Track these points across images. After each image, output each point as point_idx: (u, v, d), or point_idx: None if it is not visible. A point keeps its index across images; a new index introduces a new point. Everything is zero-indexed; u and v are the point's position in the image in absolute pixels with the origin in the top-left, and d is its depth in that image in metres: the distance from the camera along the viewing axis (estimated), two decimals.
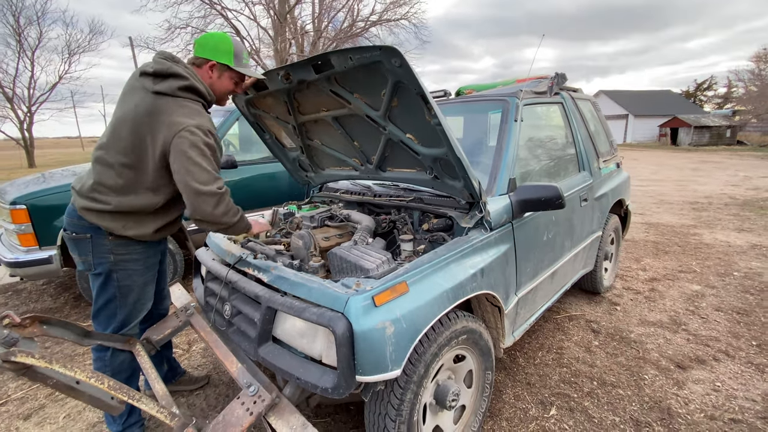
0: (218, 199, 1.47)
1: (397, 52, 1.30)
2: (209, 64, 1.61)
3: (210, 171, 1.45)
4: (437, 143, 1.63)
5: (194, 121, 1.45)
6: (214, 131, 1.52)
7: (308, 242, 1.86)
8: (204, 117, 1.51)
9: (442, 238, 1.85)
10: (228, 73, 1.66)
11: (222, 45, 1.61)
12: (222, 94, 1.70)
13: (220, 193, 1.47)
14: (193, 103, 1.53)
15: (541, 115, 2.57)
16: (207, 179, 1.44)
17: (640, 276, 3.78)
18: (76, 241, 1.55)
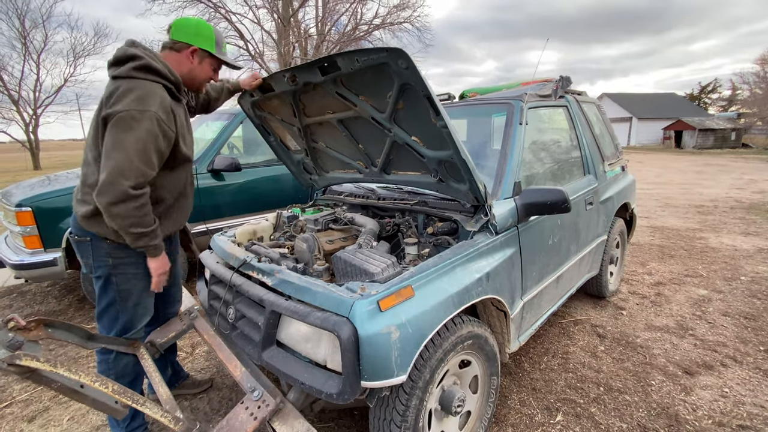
0: (125, 200, 1.33)
1: (403, 54, 1.30)
2: (190, 50, 1.56)
3: (136, 164, 1.32)
4: (442, 146, 1.62)
5: (140, 102, 1.34)
6: (164, 117, 1.39)
7: (312, 245, 1.85)
8: (154, 98, 1.38)
9: (446, 242, 1.84)
10: (209, 60, 1.63)
11: (203, 30, 1.57)
12: (201, 81, 1.66)
13: (132, 195, 1.33)
14: (150, 84, 1.41)
15: (546, 119, 2.56)
16: (127, 172, 1.31)
17: (645, 280, 3.75)
18: (78, 244, 1.55)
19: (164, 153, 1.45)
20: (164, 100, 1.42)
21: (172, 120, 1.44)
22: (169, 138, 1.44)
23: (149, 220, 1.44)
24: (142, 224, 1.41)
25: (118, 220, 1.36)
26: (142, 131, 1.33)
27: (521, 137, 2.09)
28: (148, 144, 1.35)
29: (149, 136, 1.35)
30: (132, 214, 1.36)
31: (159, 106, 1.38)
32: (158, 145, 1.39)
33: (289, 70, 1.70)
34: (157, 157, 1.41)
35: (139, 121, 1.33)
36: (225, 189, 3.70)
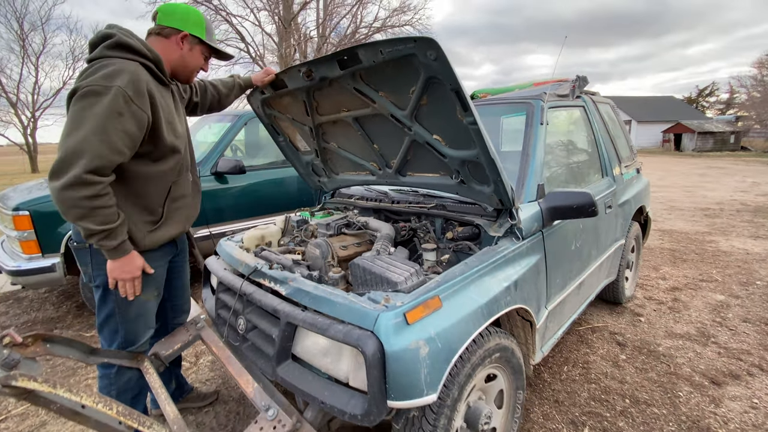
0: (74, 185, 1.15)
1: (434, 44, 1.20)
2: (180, 35, 1.45)
3: (95, 145, 1.16)
4: (467, 145, 1.53)
5: (107, 77, 1.20)
6: (132, 94, 1.23)
7: (326, 251, 1.76)
8: (124, 74, 1.23)
9: (467, 248, 1.74)
10: (200, 47, 1.52)
11: (192, 16, 1.47)
12: (192, 69, 1.54)
13: (84, 180, 1.15)
14: (124, 61, 1.28)
15: (564, 119, 2.47)
16: (81, 152, 1.15)
17: (660, 285, 3.66)
18: (78, 251, 1.45)
19: (134, 136, 1.27)
20: (137, 77, 1.27)
21: (145, 100, 1.28)
22: (140, 120, 1.26)
23: (106, 216, 1.24)
24: (94, 219, 1.21)
25: (65, 208, 1.18)
26: (103, 107, 1.18)
27: (543, 138, 1.99)
28: (110, 122, 1.19)
29: (111, 114, 1.19)
30: (81, 204, 1.18)
31: (128, 82, 1.23)
32: (123, 125, 1.22)
33: (305, 64, 1.60)
34: (124, 141, 1.23)
35: (100, 95, 1.19)
36: (228, 192, 3.60)
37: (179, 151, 1.50)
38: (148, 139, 1.36)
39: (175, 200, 1.57)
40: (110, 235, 1.29)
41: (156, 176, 1.45)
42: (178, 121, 1.54)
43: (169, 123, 1.43)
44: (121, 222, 1.32)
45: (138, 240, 1.45)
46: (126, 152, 1.27)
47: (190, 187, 1.66)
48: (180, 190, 1.58)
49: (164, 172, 1.47)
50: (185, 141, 1.60)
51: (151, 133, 1.36)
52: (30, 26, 18.38)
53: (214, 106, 1.88)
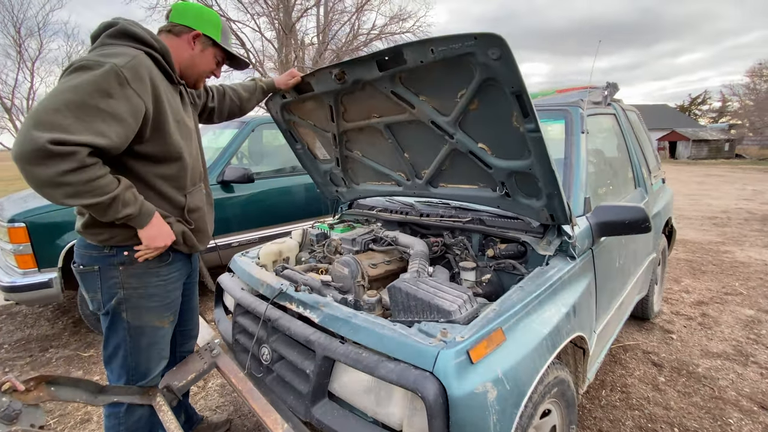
0: (42, 158, 0.96)
1: (499, 41, 1.06)
2: (192, 34, 1.31)
3: (66, 116, 0.98)
4: (518, 154, 1.38)
5: (104, 55, 1.07)
6: (129, 76, 1.07)
7: (355, 270, 1.60)
8: (124, 56, 1.09)
9: (511, 267, 1.59)
10: (212, 50, 1.38)
11: (207, 16, 1.34)
12: (201, 72, 1.40)
13: (50, 151, 0.95)
14: (122, 47, 1.14)
15: (598, 127, 2.34)
16: (46, 118, 0.97)
17: (685, 299, 3.52)
18: (84, 275, 1.28)
19: (125, 123, 1.07)
20: (139, 62, 1.12)
21: (145, 87, 1.12)
22: (134, 106, 1.09)
23: (103, 187, 1.06)
24: (90, 194, 1.04)
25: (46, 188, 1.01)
26: (88, 81, 1.02)
27: (585, 147, 1.86)
28: (93, 99, 1.01)
29: (96, 90, 1.02)
30: (63, 179, 0.99)
31: (126, 63, 1.08)
32: (111, 106, 1.04)
33: (338, 65, 1.46)
34: (110, 125, 1.04)
35: (89, 69, 1.03)
36: (235, 201, 3.43)
37: (186, 157, 1.32)
38: (153, 137, 1.19)
39: (192, 212, 1.41)
40: (122, 202, 1.11)
41: (163, 181, 1.28)
42: (188, 122, 1.38)
43: (176, 121, 1.27)
44: (125, 185, 1.14)
45: (177, 203, 1.33)
46: (113, 138, 1.06)
47: (205, 200, 1.49)
48: (195, 201, 1.42)
49: (171, 177, 1.30)
50: (197, 148, 1.45)
51: (156, 131, 1.20)
52: (27, 32, 18.17)
53: (235, 111, 1.73)
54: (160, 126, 1.20)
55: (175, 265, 1.39)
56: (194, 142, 1.41)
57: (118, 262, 1.25)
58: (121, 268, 1.25)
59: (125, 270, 1.26)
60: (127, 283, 1.27)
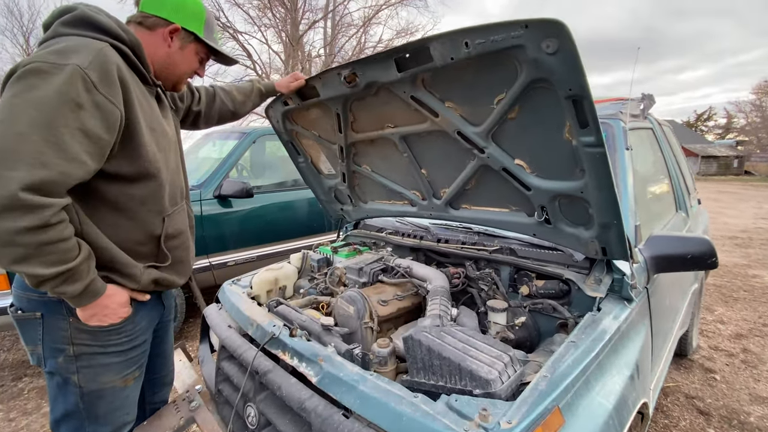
0: (8, 210, 0.76)
1: (558, 29, 0.82)
2: (169, 29, 1.06)
3: (36, 145, 0.77)
4: (567, 173, 1.13)
5: (60, 54, 0.83)
6: (96, 78, 0.84)
7: (362, 309, 1.33)
8: (85, 52, 0.85)
9: (551, 309, 1.32)
10: (194, 46, 1.12)
11: (188, 4, 1.09)
12: (181, 73, 1.15)
13: (24, 203, 0.76)
14: (81, 39, 0.90)
15: (637, 143, 2.09)
16: (13, 156, 0.75)
17: (722, 331, 3.21)
18: (22, 323, 1.02)
19: (100, 140, 0.86)
20: (105, 57, 0.88)
21: (116, 89, 0.89)
22: (108, 115, 0.87)
23: (61, 254, 0.84)
24: (43, 259, 0.82)
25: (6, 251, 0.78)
26: (51, 92, 0.79)
27: (631, 166, 1.60)
28: (61, 114, 0.80)
29: (63, 102, 0.80)
30: (19, 239, 0.77)
31: (91, 62, 0.85)
32: (82, 121, 0.83)
33: (349, 65, 1.22)
34: (84, 145, 0.84)
35: (48, 75, 0.80)
36: (232, 217, 3.19)
37: (164, 173, 1.07)
38: (122, 151, 0.94)
39: (171, 238, 1.14)
40: (71, 277, 0.87)
41: (137, 204, 1.02)
42: (167, 130, 1.12)
43: (152, 130, 1.02)
44: (84, 256, 0.89)
45: (132, 275, 1.03)
46: (88, 162, 0.85)
47: (187, 221, 1.24)
48: (176, 225, 1.16)
49: (146, 198, 1.03)
50: (177, 161, 1.19)
51: (126, 143, 0.95)
52: (36, 41, 18.39)
53: (226, 116, 1.48)
54: (131, 136, 0.95)
55: (142, 314, 1.12)
56: (173, 154, 1.15)
57: (66, 310, 0.98)
58: (71, 320, 0.99)
59: (76, 322, 0.99)
60: (78, 338, 1.00)
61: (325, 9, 14.19)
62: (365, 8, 14.59)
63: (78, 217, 0.92)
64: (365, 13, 14.65)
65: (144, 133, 0.97)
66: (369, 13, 14.54)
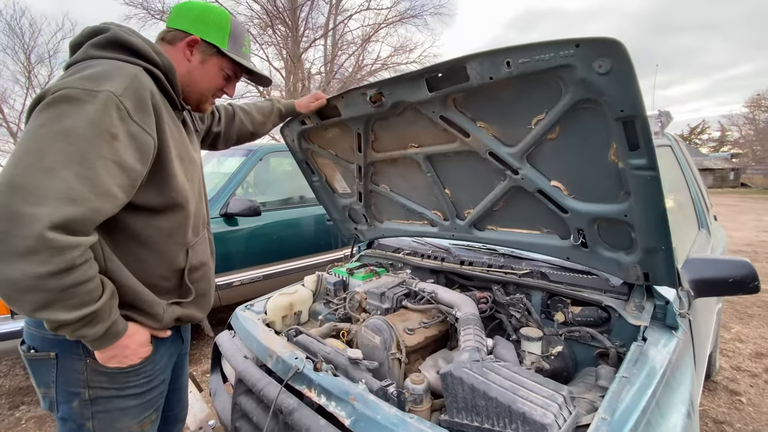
0: (27, 255, 0.68)
1: (614, 48, 0.77)
2: (188, 40, 0.98)
3: (68, 181, 0.71)
4: (610, 196, 1.07)
5: (93, 79, 0.77)
6: (131, 106, 0.79)
7: (389, 339, 1.25)
8: (120, 77, 0.80)
9: (589, 337, 1.25)
10: (216, 60, 1.03)
11: (210, 16, 1.01)
12: (203, 91, 1.05)
13: (49, 243, 0.68)
14: (114, 63, 0.84)
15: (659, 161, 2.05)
16: (42, 191, 0.68)
17: (741, 350, 3.12)
18: (34, 363, 0.94)
19: (133, 172, 0.81)
20: (139, 83, 0.83)
21: (150, 118, 0.84)
22: (143, 146, 0.82)
23: (85, 295, 0.77)
24: (66, 303, 0.74)
25: (11, 293, 0.70)
26: (85, 121, 0.73)
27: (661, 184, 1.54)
28: (95, 146, 0.74)
29: (97, 133, 0.74)
30: (43, 285, 0.70)
31: (126, 88, 0.80)
32: (117, 153, 0.77)
33: (376, 84, 1.17)
34: (118, 178, 0.78)
35: (81, 103, 0.74)
36: (238, 236, 3.11)
37: (191, 203, 1.01)
38: (151, 182, 0.88)
39: (195, 270, 1.07)
40: (94, 319, 0.79)
41: (163, 237, 0.95)
42: (194, 158, 1.06)
43: (181, 159, 0.96)
44: (108, 296, 0.82)
45: (155, 315, 0.96)
46: (119, 196, 0.79)
47: (209, 251, 1.17)
48: (199, 256, 1.09)
49: (173, 230, 0.97)
50: (201, 186, 1.13)
51: (156, 174, 0.89)
52: (37, 58, 18.49)
53: (245, 137, 1.43)
54: (161, 166, 0.89)
55: (162, 352, 1.05)
56: (198, 181, 1.09)
57: (84, 351, 0.91)
58: (88, 361, 0.91)
59: (93, 363, 0.91)
60: (95, 381, 0.92)
61: (325, 27, 14.38)
62: (364, 26, 14.79)
63: (103, 253, 0.85)
64: (364, 31, 14.86)
65: (174, 163, 0.91)
66: (368, 32, 14.74)
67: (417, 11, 14.41)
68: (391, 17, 14.57)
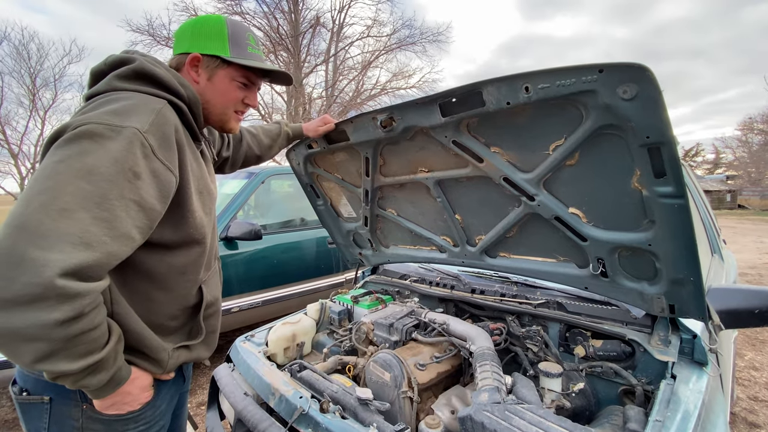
0: (34, 303, 0.62)
1: (640, 74, 0.74)
2: (189, 58, 0.92)
3: (83, 223, 0.66)
4: (632, 224, 1.03)
5: (117, 114, 0.73)
6: (155, 143, 0.75)
7: (400, 377, 1.17)
8: (144, 112, 0.77)
9: (612, 373, 1.17)
10: (224, 72, 0.94)
11: (205, 27, 0.93)
12: (222, 111, 0.97)
13: (60, 291, 0.62)
14: (139, 96, 0.80)
15: None
16: (53, 234, 0.63)
17: (756, 378, 3.02)
18: (25, 406, 0.86)
19: (153, 213, 0.76)
20: (164, 119, 0.80)
21: (173, 155, 0.80)
22: (165, 185, 0.78)
23: (91, 343, 0.70)
24: (70, 352, 0.68)
25: (12, 344, 0.64)
26: (106, 159, 0.69)
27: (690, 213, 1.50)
28: (117, 187, 0.69)
29: (119, 172, 0.70)
30: (48, 334, 0.64)
31: (151, 125, 0.76)
32: (138, 191, 0.72)
33: (387, 109, 1.14)
34: (137, 220, 0.73)
35: (104, 140, 0.70)
36: (238, 259, 3.04)
37: (208, 238, 0.96)
38: (170, 218, 0.83)
39: (209, 307, 1.01)
40: (98, 368, 0.73)
41: (175, 274, 0.90)
42: (212, 190, 1.01)
43: (200, 194, 0.91)
44: (114, 342, 0.76)
45: (159, 361, 0.89)
46: (137, 238, 0.74)
47: (220, 283, 1.11)
48: (212, 291, 1.03)
49: (186, 267, 0.91)
50: (215, 218, 1.08)
51: (176, 210, 0.84)
52: (42, 82, 18.77)
53: (250, 160, 1.39)
54: (179, 203, 0.84)
55: (163, 395, 0.97)
56: (214, 212, 1.04)
57: (80, 396, 0.83)
58: (85, 407, 0.84)
59: (90, 410, 0.84)
60: (90, 428, 0.85)
61: (326, 53, 14.70)
62: (365, 53, 15.12)
63: (110, 295, 0.80)
64: (364, 57, 15.18)
65: (193, 199, 0.87)
66: (369, 58, 15.05)
67: (416, 38, 14.75)
68: (390, 44, 14.91)
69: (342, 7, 14.32)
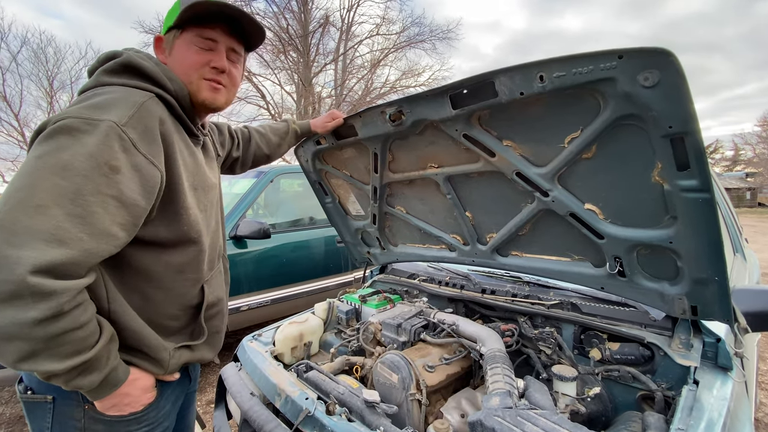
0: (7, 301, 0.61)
1: (663, 59, 0.69)
2: (154, 42, 0.92)
3: (57, 219, 0.64)
4: (652, 221, 0.98)
5: (96, 108, 0.72)
6: (135, 136, 0.73)
7: (408, 379, 1.14)
8: (123, 105, 0.74)
9: (630, 377, 1.12)
10: (179, 40, 0.89)
11: (168, 12, 0.91)
12: (186, 78, 0.88)
13: (34, 289, 0.62)
14: (122, 89, 0.79)
15: None
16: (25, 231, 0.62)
17: None
18: (30, 405, 0.86)
19: (136, 209, 0.74)
20: (146, 111, 0.78)
21: (158, 148, 0.78)
22: (148, 179, 0.75)
23: (78, 342, 0.69)
24: (54, 352, 0.67)
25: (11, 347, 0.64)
26: (81, 153, 0.67)
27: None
28: (92, 182, 0.68)
29: (95, 166, 0.68)
30: (25, 333, 0.63)
31: (130, 117, 0.74)
32: (118, 186, 0.71)
33: (395, 103, 1.11)
34: (117, 216, 0.71)
35: (80, 134, 0.68)
36: (246, 258, 3.04)
37: (205, 236, 0.93)
38: (161, 215, 0.82)
39: (211, 307, 1.00)
40: (88, 368, 0.72)
41: (173, 273, 0.88)
42: (211, 185, 0.98)
43: (194, 189, 0.89)
44: (105, 341, 0.74)
45: (160, 361, 0.87)
46: (119, 235, 0.73)
47: (224, 285, 1.09)
48: (215, 292, 1.01)
49: (183, 266, 0.89)
50: (218, 216, 1.06)
51: (167, 207, 0.82)
52: (59, 84, 19.18)
53: (260, 160, 1.37)
54: (171, 199, 0.83)
55: (167, 395, 0.96)
56: (215, 211, 1.02)
57: (83, 397, 0.82)
58: (87, 407, 0.83)
59: (92, 411, 0.83)
60: (93, 429, 0.84)
61: (336, 52, 14.71)
62: (374, 51, 15.10)
63: (107, 293, 0.78)
64: (373, 56, 15.16)
65: (186, 195, 0.85)
66: (378, 56, 15.03)
67: (426, 36, 14.67)
68: (400, 42, 14.86)
69: (351, 6, 14.32)
